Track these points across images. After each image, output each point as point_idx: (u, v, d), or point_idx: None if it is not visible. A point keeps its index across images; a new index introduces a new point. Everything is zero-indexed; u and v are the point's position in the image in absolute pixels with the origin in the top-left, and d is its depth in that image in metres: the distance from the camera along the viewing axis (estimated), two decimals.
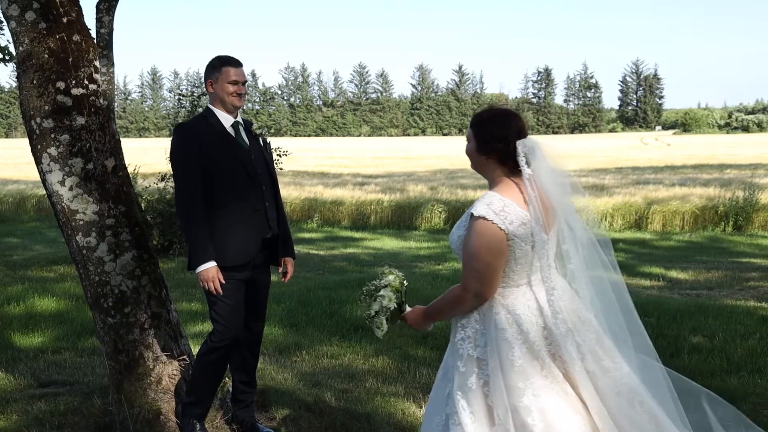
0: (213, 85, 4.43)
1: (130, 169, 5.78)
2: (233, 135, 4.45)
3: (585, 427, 3.12)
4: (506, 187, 3.27)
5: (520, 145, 3.24)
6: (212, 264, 4.26)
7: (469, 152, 3.39)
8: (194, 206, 4.29)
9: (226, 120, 4.45)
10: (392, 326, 3.53)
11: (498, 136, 3.26)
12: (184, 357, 4.85)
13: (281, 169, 13.64)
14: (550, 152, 3.30)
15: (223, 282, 4.29)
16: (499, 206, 3.18)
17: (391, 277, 3.52)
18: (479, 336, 3.25)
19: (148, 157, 22.07)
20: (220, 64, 4.42)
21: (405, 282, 3.52)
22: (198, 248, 4.27)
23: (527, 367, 3.14)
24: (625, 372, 3.25)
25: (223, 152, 4.38)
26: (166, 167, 12.64)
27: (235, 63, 4.44)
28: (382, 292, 3.48)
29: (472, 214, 3.20)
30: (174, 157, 4.44)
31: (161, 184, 13.03)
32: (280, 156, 13.28)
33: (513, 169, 3.26)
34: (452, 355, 3.33)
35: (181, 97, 14.93)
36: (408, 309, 3.52)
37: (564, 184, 3.33)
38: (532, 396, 3.10)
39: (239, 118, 4.52)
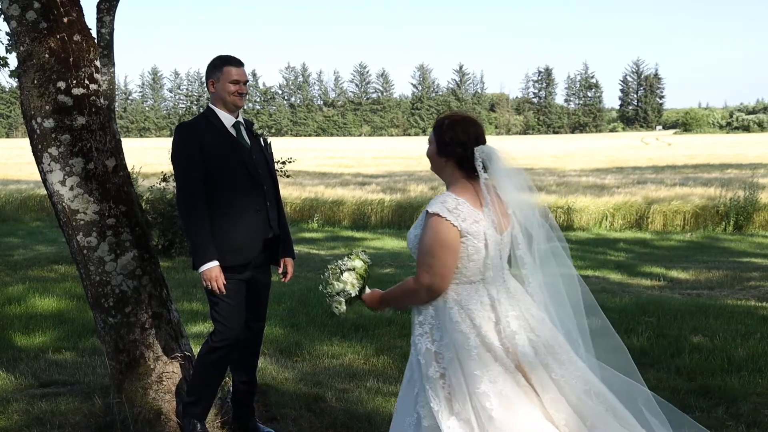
0: (214, 85, 4.43)
1: (130, 169, 5.80)
2: (234, 135, 4.45)
3: (539, 414, 3.28)
4: (462, 188, 3.44)
5: (478, 151, 3.42)
6: (214, 263, 4.26)
7: (429, 154, 3.57)
8: (196, 206, 4.29)
9: (228, 120, 4.45)
10: (350, 308, 3.65)
11: (457, 141, 3.44)
12: (185, 357, 4.85)
13: (288, 176, 13.65)
14: (507, 160, 3.48)
15: (225, 282, 4.29)
16: (453, 204, 3.35)
17: (357, 263, 3.63)
18: (435, 331, 3.42)
19: (148, 157, 22.08)
20: (222, 64, 4.42)
21: (370, 269, 3.65)
22: (200, 248, 4.28)
23: (483, 355, 3.31)
24: (581, 366, 3.42)
25: (225, 152, 4.38)
26: (167, 167, 12.68)
27: (237, 63, 4.44)
28: (345, 276, 3.60)
29: (427, 212, 3.38)
30: (175, 156, 4.44)
31: (162, 184, 13.03)
32: (285, 164, 13.30)
33: (470, 173, 3.44)
34: (413, 353, 3.49)
35: (189, 100, 14.95)
36: (368, 291, 3.65)
37: (522, 191, 3.51)
38: (489, 382, 3.26)
39: (240, 118, 4.52)
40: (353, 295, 3.61)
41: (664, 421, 3.52)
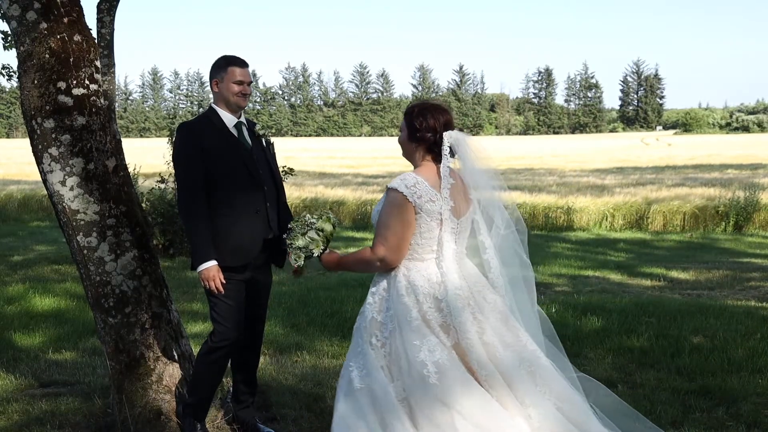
0: (218, 85, 4.43)
1: (130, 169, 5.80)
2: (236, 135, 4.45)
3: (475, 384, 3.44)
4: (425, 168, 3.64)
5: (447, 136, 3.62)
6: (212, 263, 4.26)
7: (401, 141, 3.76)
8: (196, 205, 4.29)
9: (230, 120, 4.45)
10: (307, 263, 3.82)
11: (428, 127, 3.64)
12: (185, 357, 4.85)
13: (294, 174, 13.58)
14: (477, 149, 3.67)
15: (224, 281, 4.29)
16: (412, 182, 3.54)
17: (327, 227, 3.81)
18: (384, 302, 3.62)
19: (149, 157, 22.04)
20: (226, 64, 4.41)
21: (335, 231, 3.84)
22: (198, 247, 4.27)
23: (422, 327, 3.50)
24: (530, 350, 3.61)
25: (226, 152, 4.38)
26: (167, 167, 12.69)
27: (241, 63, 4.43)
28: (312, 235, 3.77)
29: (387, 188, 3.58)
30: (176, 156, 4.44)
31: (162, 185, 13.03)
32: (287, 174, 13.28)
33: (437, 158, 3.63)
34: (359, 320, 3.69)
35: (189, 101, 14.99)
36: (327, 251, 3.84)
37: (489, 180, 3.70)
38: (427, 351, 3.45)
39: (242, 118, 4.52)
40: (315, 255, 3.78)
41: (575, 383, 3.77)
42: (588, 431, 3.55)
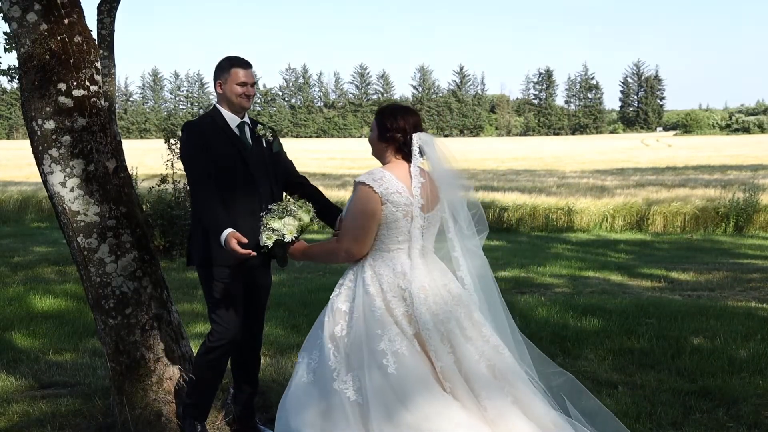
0: (222, 86, 4.42)
1: (130, 170, 5.80)
2: (238, 135, 4.45)
3: (432, 378, 3.54)
4: (394, 165, 3.79)
5: (416, 137, 3.78)
6: (228, 231, 4.10)
7: (371, 140, 3.91)
8: (204, 188, 4.24)
9: (233, 120, 4.45)
10: (275, 247, 3.89)
11: (397, 128, 3.79)
12: (185, 358, 4.85)
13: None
14: (445, 151, 3.83)
15: (244, 241, 4.10)
16: (379, 175, 3.70)
17: (305, 218, 3.91)
18: (349, 292, 3.74)
19: (149, 159, 22.07)
20: (229, 66, 4.41)
21: (310, 226, 3.95)
22: (213, 225, 4.18)
23: (385, 317, 3.60)
24: (492, 345, 3.71)
25: (227, 152, 4.37)
26: (166, 168, 12.70)
27: (244, 64, 4.43)
28: (288, 221, 3.86)
29: (355, 182, 3.72)
30: (183, 152, 4.44)
31: (162, 186, 13.03)
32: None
33: (406, 157, 3.79)
34: (325, 311, 3.79)
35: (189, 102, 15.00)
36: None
37: (455, 181, 3.84)
38: (387, 341, 3.54)
39: (246, 119, 4.52)
40: (286, 240, 3.85)
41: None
42: (548, 426, 3.62)
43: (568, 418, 3.77)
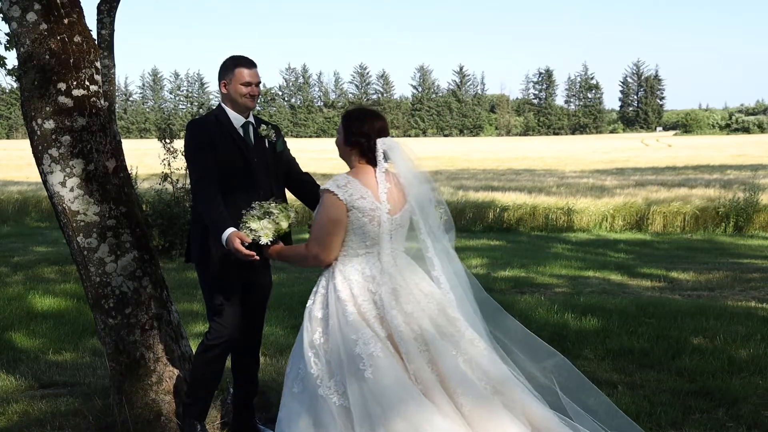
0: (226, 86, 4.41)
1: (130, 170, 5.80)
2: (242, 134, 4.45)
3: (406, 379, 3.60)
4: (359, 170, 3.87)
5: (380, 142, 3.85)
6: (230, 230, 4.08)
7: (337, 142, 3.99)
8: (207, 185, 4.24)
9: (237, 120, 4.44)
10: (252, 245, 3.99)
11: (362, 132, 3.86)
12: (185, 358, 4.85)
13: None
14: (411, 155, 3.91)
15: (248, 241, 4.07)
16: (344, 182, 3.78)
17: (284, 224, 4.01)
18: (323, 299, 3.81)
19: (149, 159, 22.04)
20: (234, 65, 4.39)
21: (287, 231, 4.05)
22: (213, 224, 4.17)
23: (357, 322, 3.66)
24: (467, 338, 3.76)
25: (230, 152, 4.37)
26: (165, 168, 12.71)
27: (249, 64, 4.41)
28: (266, 224, 3.96)
29: (320, 189, 3.82)
30: (187, 149, 4.44)
31: (162, 185, 13.03)
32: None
33: (371, 161, 3.86)
34: (304, 320, 3.85)
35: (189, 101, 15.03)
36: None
37: (423, 184, 3.90)
38: (363, 345, 3.61)
39: (251, 118, 4.51)
40: (262, 242, 3.96)
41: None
42: (528, 415, 3.68)
43: (557, 414, 3.82)
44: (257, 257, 4.05)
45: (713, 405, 5.10)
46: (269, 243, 3.99)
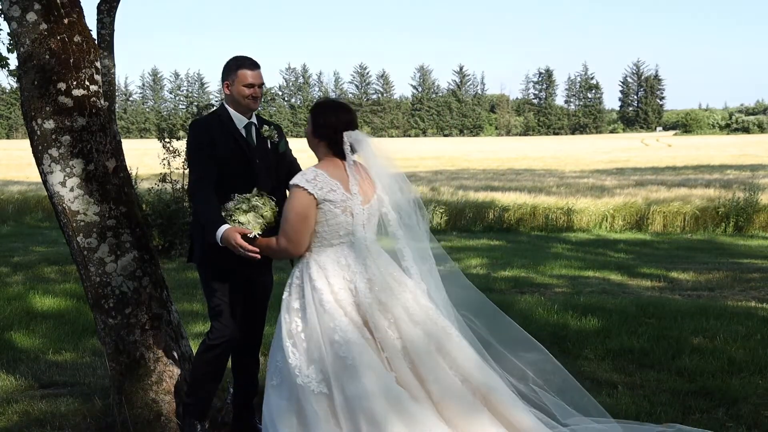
0: (229, 87, 4.41)
1: (130, 170, 5.80)
2: (244, 135, 4.45)
3: (379, 360, 3.68)
4: (327, 162, 3.92)
5: (347, 135, 3.89)
6: (225, 226, 4.06)
7: (306, 133, 4.05)
8: (203, 185, 4.23)
9: (240, 121, 4.44)
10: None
11: (328, 125, 3.91)
12: (185, 358, 4.85)
13: None
14: (378, 148, 3.96)
15: (249, 233, 4.06)
16: (312, 176, 3.83)
17: (268, 214, 4.04)
18: (299, 289, 3.86)
19: (148, 159, 22.05)
20: (237, 67, 4.39)
21: (274, 220, 4.06)
22: (209, 222, 4.15)
23: (334, 310, 3.73)
24: (440, 326, 3.84)
25: (230, 152, 4.37)
26: (164, 168, 12.72)
27: (251, 65, 4.40)
28: (253, 217, 4.01)
29: (289, 184, 3.85)
30: (188, 149, 4.46)
31: (161, 185, 13.03)
32: None
33: (339, 154, 3.91)
34: (281, 311, 3.93)
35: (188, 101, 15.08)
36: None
37: (391, 175, 3.97)
38: (341, 332, 3.69)
39: (253, 119, 4.51)
40: (251, 236, 3.99)
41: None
42: (495, 402, 3.77)
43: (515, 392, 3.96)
44: (259, 255, 4.02)
45: (713, 405, 5.10)
46: (258, 235, 4.00)
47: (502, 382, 3.91)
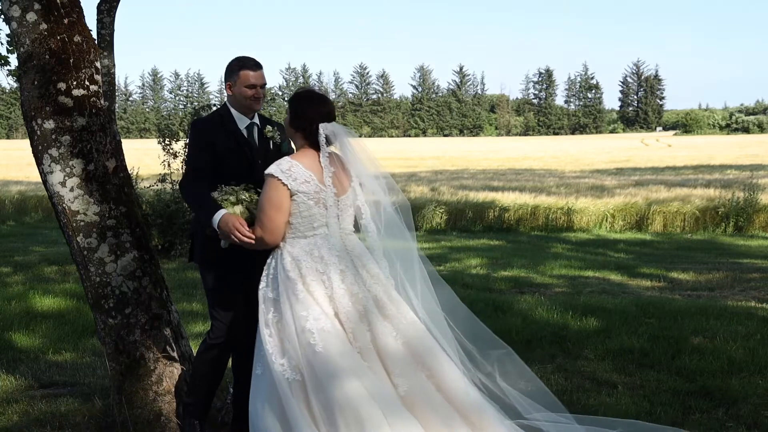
0: (231, 88, 4.41)
1: (130, 170, 5.80)
2: (245, 136, 4.45)
3: (350, 350, 3.75)
4: (303, 153, 3.95)
5: (322, 127, 3.91)
6: (222, 211, 4.07)
7: (285, 123, 4.13)
8: (196, 178, 4.24)
9: (241, 121, 4.44)
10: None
11: (305, 116, 3.95)
12: (185, 358, 4.85)
13: None
14: (353, 138, 4.01)
15: (243, 223, 4.07)
16: (287, 166, 3.86)
17: (254, 207, 4.04)
18: (274, 280, 3.91)
19: (148, 159, 22.05)
20: (239, 68, 4.39)
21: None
22: (203, 209, 4.14)
23: (307, 299, 3.78)
24: (410, 320, 3.90)
25: (231, 152, 4.37)
26: (165, 168, 12.71)
27: (254, 66, 4.40)
28: (240, 210, 4.06)
29: (265, 174, 3.88)
30: (188, 149, 4.49)
31: (161, 185, 13.03)
32: None
33: (314, 145, 3.94)
34: (259, 301, 3.96)
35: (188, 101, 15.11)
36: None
37: (367, 164, 4.01)
38: (313, 320, 3.74)
39: (256, 119, 4.51)
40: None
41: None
42: (463, 404, 3.81)
43: (491, 402, 4.00)
44: (254, 241, 3.99)
45: (713, 405, 5.10)
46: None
47: (465, 379, 3.97)
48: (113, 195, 4.60)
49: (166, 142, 12.59)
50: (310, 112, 3.95)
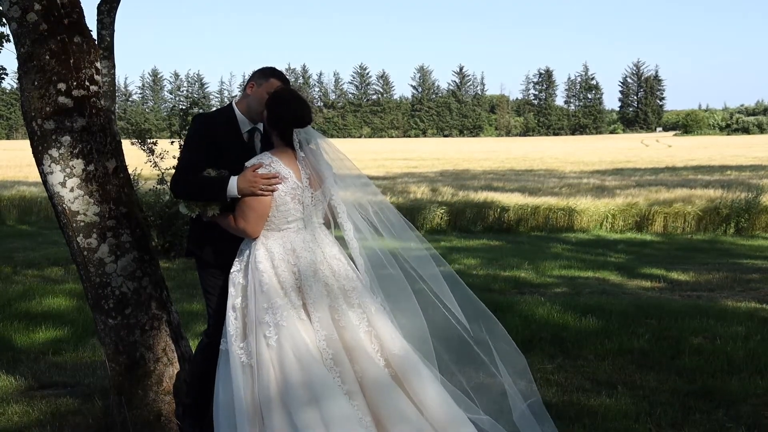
0: (253, 89, 4.39)
1: (130, 171, 5.80)
2: (246, 139, 4.44)
3: (309, 345, 3.83)
4: (282, 151, 4.05)
5: (296, 132, 4.02)
6: (234, 177, 4.06)
7: (264, 119, 4.18)
8: (192, 172, 4.21)
9: (243, 123, 4.42)
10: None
11: (279, 117, 4.04)
12: (185, 358, 4.85)
13: None
14: (327, 142, 4.18)
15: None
16: (267, 161, 3.98)
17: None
18: (246, 268, 4.03)
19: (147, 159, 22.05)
20: (271, 74, 4.39)
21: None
22: (213, 185, 4.12)
23: (271, 292, 3.89)
24: (373, 312, 3.97)
25: (231, 152, 4.36)
26: (156, 170, 12.73)
27: (284, 79, 4.42)
28: (211, 213, 4.17)
29: (245, 166, 4.01)
30: (186, 142, 4.49)
31: (160, 186, 13.04)
32: None
33: (289, 145, 4.04)
34: (229, 286, 4.08)
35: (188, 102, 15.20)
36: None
37: (343, 165, 4.18)
38: (271, 313, 3.85)
39: (259, 126, 4.49)
40: (207, 215, 4.19)
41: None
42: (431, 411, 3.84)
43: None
44: (278, 184, 3.99)
45: (713, 405, 5.10)
46: (214, 215, 4.17)
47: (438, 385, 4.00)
48: (113, 195, 4.60)
49: (149, 142, 12.70)
50: (283, 114, 4.04)
